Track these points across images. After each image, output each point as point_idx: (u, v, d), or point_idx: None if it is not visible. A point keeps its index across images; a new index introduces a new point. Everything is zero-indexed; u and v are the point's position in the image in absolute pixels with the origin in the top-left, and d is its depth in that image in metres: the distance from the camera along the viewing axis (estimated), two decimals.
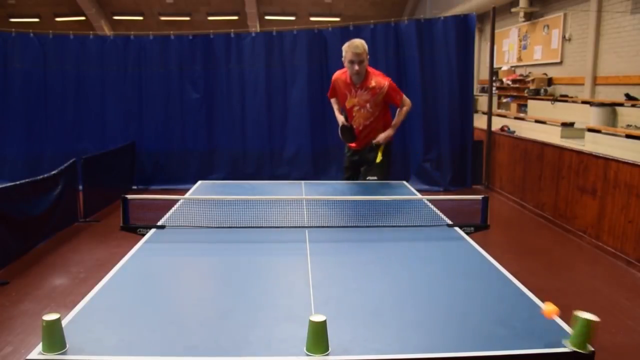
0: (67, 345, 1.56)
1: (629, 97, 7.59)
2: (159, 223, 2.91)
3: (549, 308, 1.73)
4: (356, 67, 4.07)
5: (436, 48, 7.35)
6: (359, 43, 4.07)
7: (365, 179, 4.30)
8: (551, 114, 9.14)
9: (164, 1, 17.34)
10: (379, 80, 4.17)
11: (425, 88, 7.38)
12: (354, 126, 4.29)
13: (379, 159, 4.22)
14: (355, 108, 4.26)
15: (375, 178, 4.25)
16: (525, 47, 11.37)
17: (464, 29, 7.34)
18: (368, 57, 4.14)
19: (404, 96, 4.35)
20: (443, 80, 7.36)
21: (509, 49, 12.21)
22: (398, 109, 4.30)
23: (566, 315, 1.92)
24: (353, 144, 4.41)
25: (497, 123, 9.40)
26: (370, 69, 4.23)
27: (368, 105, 4.20)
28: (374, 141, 4.22)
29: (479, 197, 3.07)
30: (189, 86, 7.60)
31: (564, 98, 9.28)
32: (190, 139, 7.69)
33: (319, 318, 1.55)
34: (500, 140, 7.38)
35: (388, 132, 4.24)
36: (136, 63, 7.59)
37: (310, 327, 1.54)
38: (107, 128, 7.64)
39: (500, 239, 5.23)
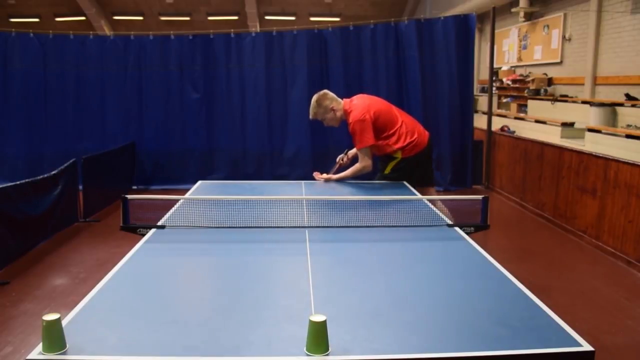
0: (67, 345, 1.56)
1: (629, 97, 7.59)
2: (159, 223, 2.91)
3: None
4: (324, 124, 4.36)
5: (436, 48, 7.35)
6: (311, 105, 4.22)
7: None
8: (551, 114, 9.15)
9: (164, 1, 17.34)
10: (350, 118, 4.13)
11: (425, 88, 7.37)
12: None
13: (387, 170, 4.25)
14: None
15: None
16: (525, 47, 11.37)
17: (464, 29, 7.33)
18: (328, 107, 4.17)
19: (364, 151, 4.10)
20: (443, 80, 7.36)
21: (509, 49, 12.21)
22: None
23: (567, 316, 1.92)
24: None
25: (497, 123, 9.40)
26: (352, 107, 4.15)
27: None
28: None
29: (479, 197, 3.06)
30: (189, 86, 7.60)
31: (564, 98, 9.28)
32: (190, 139, 7.68)
33: (319, 318, 1.55)
34: (500, 140, 7.38)
35: (330, 176, 4.23)
36: (136, 63, 7.59)
37: (311, 327, 1.54)
38: (107, 128, 7.64)
39: (500, 239, 5.23)
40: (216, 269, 2.41)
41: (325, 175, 4.25)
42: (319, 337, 1.54)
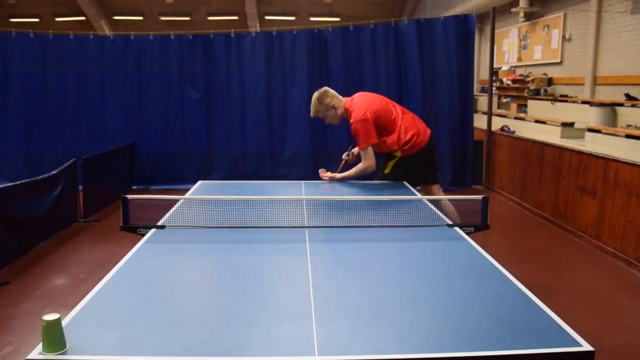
0: (67, 345, 1.56)
1: (629, 97, 7.59)
2: (159, 223, 2.90)
3: None
4: (325, 121, 4.33)
5: (436, 48, 7.35)
6: (312, 102, 4.21)
7: None
8: (551, 114, 9.14)
9: (164, 1, 17.34)
10: (351, 117, 4.13)
11: (425, 88, 7.37)
12: None
13: (387, 170, 4.26)
14: None
15: None
16: (525, 47, 11.37)
17: (464, 29, 7.33)
18: (330, 104, 4.16)
19: (367, 150, 4.08)
20: (443, 80, 7.36)
21: (509, 49, 12.21)
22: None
23: (567, 316, 1.92)
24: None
25: (497, 123, 9.40)
26: (354, 106, 4.14)
27: None
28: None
29: (479, 197, 3.06)
30: (189, 86, 7.60)
31: (564, 98, 9.27)
32: (190, 139, 7.68)
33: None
34: (500, 140, 7.38)
35: (334, 175, 4.23)
36: (136, 63, 7.59)
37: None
38: (107, 128, 7.64)
39: (500, 239, 5.23)
40: (216, 269, 2.41)
41: (329, 174, 4.26)
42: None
